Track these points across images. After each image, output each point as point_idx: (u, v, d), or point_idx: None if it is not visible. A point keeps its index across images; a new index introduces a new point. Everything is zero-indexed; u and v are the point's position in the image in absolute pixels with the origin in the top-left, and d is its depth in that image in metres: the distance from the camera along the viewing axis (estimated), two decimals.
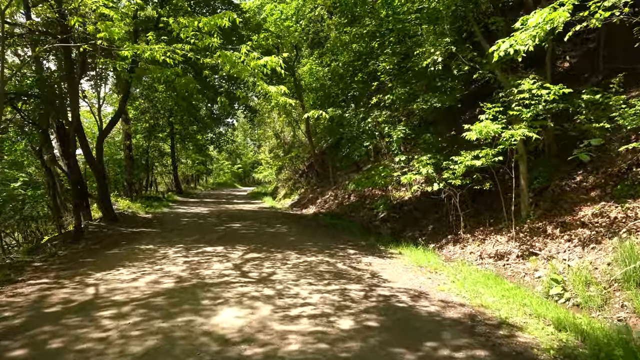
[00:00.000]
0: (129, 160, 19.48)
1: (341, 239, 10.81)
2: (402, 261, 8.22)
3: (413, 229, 12.58)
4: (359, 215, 16.20)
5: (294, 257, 7.99)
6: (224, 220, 14.21)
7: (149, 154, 23.20)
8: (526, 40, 6.59)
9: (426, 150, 10.55)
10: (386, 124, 10.56)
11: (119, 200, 16.20)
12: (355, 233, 12.24)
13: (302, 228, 12.81)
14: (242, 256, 7.94)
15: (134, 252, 8.24)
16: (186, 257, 7.76)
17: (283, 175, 30.21)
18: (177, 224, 13.08)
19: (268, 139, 33.19)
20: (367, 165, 20.62)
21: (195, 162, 37.81)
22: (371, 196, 17.06)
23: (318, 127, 25.06)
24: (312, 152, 23.86)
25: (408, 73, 11.75)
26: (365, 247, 9.85)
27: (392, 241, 11.19)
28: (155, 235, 10.61)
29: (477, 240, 9.82)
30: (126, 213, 14.74)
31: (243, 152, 62.39)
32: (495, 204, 10.88)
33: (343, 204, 18.42)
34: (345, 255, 8.39)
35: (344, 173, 22.24)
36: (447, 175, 9.55)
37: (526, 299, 5.63)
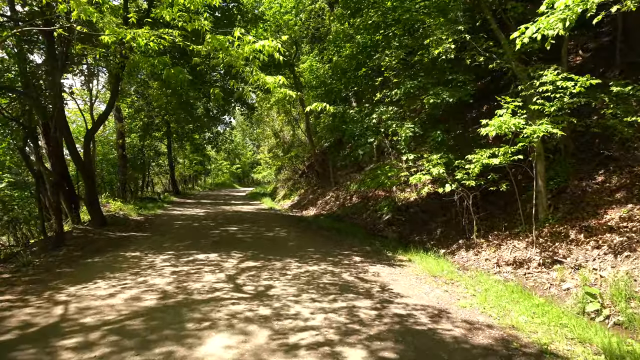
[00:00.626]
0: (122, 159, 18.71)
1: (345, 244, 10.06)
2: (413, 270, 7.47)
3: (420, 232, 11.84)
4: (361, 218, 15.46)
5: (294, 266, 7.23)
6: (220, 223, 13.45)
7: (145, 153, 22.42)
8: (555, 24, 5.82)
9: (436, 149, 9.80)
10: (393, 120, 9.82)
11: (111, 202, 15.44)
12: (359, 237, 11.49)
13: (303, 232, 12.06)
14: (237, 265, 7.18)
15: (118, 260, 7.47)
16: (175, 266, 7.00)
17: (282, 176, 29.46)
18: (169, 228, 12.32)
19: (267, 139, 32.43)
20: (370, 165, 19.87)
21: (192, 162, 37.05)
22: (374, 197, 16.33)
23: (318, 125, 24.31)
24: (313, 151, 23.12)
25: (415, 67, 11.02)
26: (371, 253, 9.10)
27: (399, 246, 10.45)
28: (144, 241, 9.85)
29: (492, 246, 9.09)
30: (117, 215, 13.99)
31: (242, 152, 61.63)
32: (509, 206, 10.16)
33: (345, 205, 17.68)
34: (350, 264, 7.64)
35: (345, 173, 21.50)
36: (460, 175, 8.81)
37: (562, 318, 4.88)
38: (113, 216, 13.85)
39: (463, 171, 8.89)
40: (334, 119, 13.52)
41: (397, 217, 13.52)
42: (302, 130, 27.43)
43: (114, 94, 11.57)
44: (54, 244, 8.40)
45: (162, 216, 15.67)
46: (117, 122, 18.68)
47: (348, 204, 17.55)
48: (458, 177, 8.81)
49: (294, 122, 27.84)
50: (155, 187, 34.37)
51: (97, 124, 11.93)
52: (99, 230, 10.64)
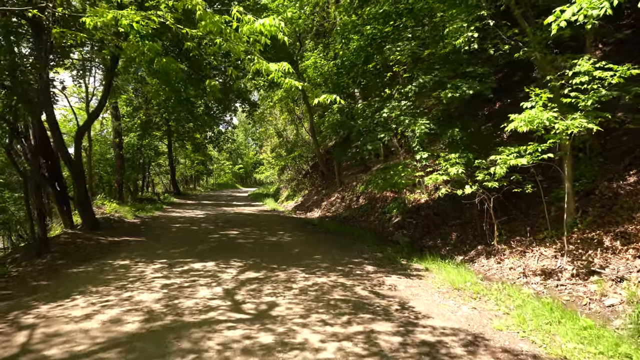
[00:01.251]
0: (119, 159, 18.00)
1: (354, 250, 9.30)
2: (433, 281, 6.70)
3: (433, 236, 11.07)
4: (369, 220, 14.69)
5: (300, 277, 6.46)
6: (220, 226, 12.70)
7: (143, 152, 21.71)
8: (601, 2, 5.03)
9: (453, 147, 9.02)
10: (406, 116, 9.04)
11: (106, 203, 14.73)
12: (368, 242, 10.71)
13: (308, 236, 11.30)
14: (236, 276, 6.42)
15: (104, 270, 6.73)
16: (167, 278, 6.24)
17: (286, 176, 28.69)
18: (166, 231, 11.59)
19: (270, 138, 31.69)
20: (377, 166, 19.09)
21: (194, 162, 36.38)
22: (382, 199, 15.55)
23: (323, 124, 23.56)
24: (317, 151, 22.35)
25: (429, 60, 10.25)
26: (383, 261, 8.33)
27: (412, 252, 9.68)
28: (136, 246, 9.12)
29: (516, 253, 8.31)
30: (112, 218, 13.27)
31: (244, 152, 60.97)
32: (531, 208, 9.38)
33: (351, 207, 16.91)
34: (363, 274, 6.86)
35: (351, 173, 20.73)
36: (481, 176, 8.03)
37: (621, 346, 4.10)
38: (108, 218, 13.13)
39: (484, 172, 8.12)
40: (342, 114, 12.73)
41: (408, 219, 12.75)
42: (306, 129, 26.67)
43: (107, 89, 10.85)
44: (37, 251, 7.66)
45: (159, 218, 14.93)
46: (114, 121, 17.97)
47: (354, 206, 16.78)
48: (479, 178, 8.03)
49: (297, 121, 27.09)
50: (156, 187, 33.75)
51: (89, 121, 11.21)
52: (90, 235, 9.90)
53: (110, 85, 11.23)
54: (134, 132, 21.60)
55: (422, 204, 13.02)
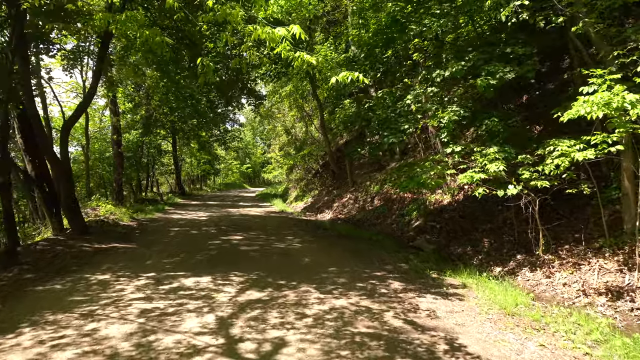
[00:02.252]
0: (118, 157, 16.91)
1: (373, 260, 8.03)
2: (477, 303, 5.41)
3: (462, 243, 9.77)
4: (386, 223, 13.41)
5: (314, 298, 5.22)
6: (222, 231, 11.50)
7: (144, 150, 20.62)
8: None
9: (489, 140, 7.71)
10: (433, 104, 7.78)
11: (101, 204, 13.62)
12: (388, 249, 9.45)
13: (320, 242, 10.04)
14: (234, 298, 5.18)
15: (76, 288, 5.54)
16: (149, 300, 5.03)
17: (294, 175, 27.45)
18: (161, 236, 10.41)
19: (278, 136, 30.46)
20: (392, 164, 17.80)
21: (200, 161, 35.33)
22: (399, 200, 14.27)
23: (333, 121, 22.27)
24: (328, 148, 21.09)
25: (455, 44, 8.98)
26: (410, 273, 7.05)
27: (440, 262, 8.41)
28: (124, 255, 7.94)
29: (568, 266, 7.00)
30: (106, 220, 12.14)
31: (252, 152, 59.92)
32: (578, 212, 8.05)
33: (365, 208, 15.64)
34: (390, 294, 5.59)
35: (364, 173, 19.45)
36: (527, 174, 6.75)
37: None
38: (101, 221, 12.00)
39: (531, 168, 6.83)
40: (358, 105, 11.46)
41: (430, 223, 11.47)
42: (316, 126, 25.43)
43: (97, 76, 9.74)
44: (4, 263, 6.51)
45: (158, 221, 13.79)
46: (112, 116, 16.88)
47: (369, 207, 15.51)
48: (525, 176, 6.73)
49: (306, 118, 25.84)
50: (162, 187, 32.79)
51: (76, 114, 10.06)
52: (73, 241, 8.75)
53: (100, 73, 10.11)
54: (136, 129, 20.55)
55: (446, 206, 11.73)
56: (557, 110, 6.74)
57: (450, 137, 7.74)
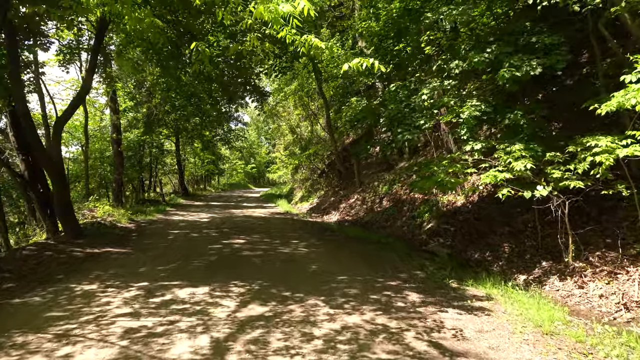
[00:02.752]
0: (118, 157, 16.38)
1: (386, 266, 7.40)
2: (508, 320, 4.76)
3: (479, 247, 9.14)
4: (396, 225, 12.77)
5: (323, 314, 4.59)
6: (224, 233, 10.91)
7: (145, 150, 20.08)
8: None
9: (513, 136, 7.06)
10: (451, 97, 7.15)
11: (99, 206, 13.08)
12: (400, 253, 8.82)
13: (328, 246, 9.41)
14: (234, 314, 4.57)
15: (57, 301, 4.95)
16: (136, 316, 4.43)
17: (300, 176, 26.85)
18: (160, 240, 9.83)
19: (283, 135, 29.86)
20: (401, 164, 17.15)
21: (204, 161, 34.84)
22: (410, 200, 13.64)
23: (340, 119, 21.65)
24: (334, 147, 20.46)
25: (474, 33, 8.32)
26: (427, 283, 6.42)
27: (458, 268, 7.78)
28: (117, 261, 7.36)
29: (603, 275, 6.37)
30: (103, 222, 11.59)
31: (257, 151, 59.40)
32: (607, 214, 7.40)
33: (374, 209, 15.01)
34: (409, 308, 4.96)
35: (372, 172, 18.82)
36: (557, 173, 6.11)
37: None
38: (98, 223, 11.46)
39: (562, 167, 6.20)
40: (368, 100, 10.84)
41: (443, 225, 10.84)
42: (322, 125, 24.82)
43: (91, 69, 9.18)
44: None
45: (158, 223, 13.23)
46: (112, 115, 16.36)
47: (377, 209, 14.88)
48: (556, 176, 6.09)
49: (312, 116, 25.22)
50: (165, 187, 32.33)
51: (69, 110, 9.51)
52: (64, 245, 8.20)
53: (95, 66, 9.56)
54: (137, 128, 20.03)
55: (459, 208, 11.10)
56: (590, 102, 6.10)
57: (470, 133, 7.10)
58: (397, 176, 15.94)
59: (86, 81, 9.27)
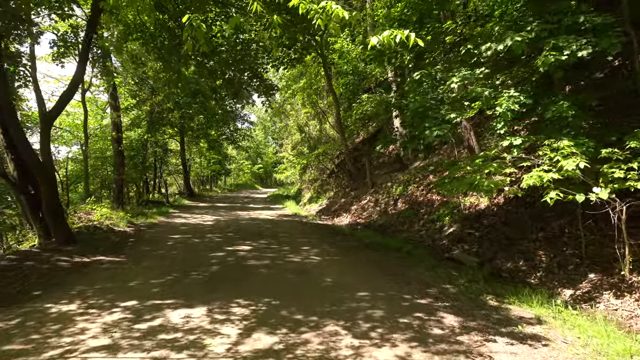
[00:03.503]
0: (118, 156, 15.60)
1: (410, 278, 6.49)
2: (575, 354, 3.84)
3: (511, 255, 8.21)
4: (413, 229, 11.84)
5: (346, 348, 3.70)
6: (228, 239, 10.06)
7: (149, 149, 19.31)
8: None
9: (559, 130, 6.13)
10: (484, 87, 6.24)
11: (96, 208, 12.29)
12: (423, 262, 7.91)
13: (342, 253, 8.52)
14: (235, 347, 3.68)
15: (25, 325, 4.11)
16: (114, 350, 3.56)
17: (308, 176, 25.97)
18: (158, 246, 9.00)
19: (290, 135, 28.99)
20: (416, 163, 16.21)
21: (210, 161, 34.10)
22: (427, 203, 12.72)
23: (350, 117, 20.75)
24: (344, 146, 19.54)
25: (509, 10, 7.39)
26: (461, 299, 5.49)
27: (491, 280, 6.88)
28: (105, 273, 6.52)
29: None
30: (99, 227, 10.80)
31: (264, 152, 58.67)
32: None
33: (388, 212, 14.08)
34: (448, 337, 4.04)
35: (385, 173, 17.88)
36: (620, 173, 5.18)
37: None
38: (94, 227, 10.67)
39: (622, 165, 5.26)
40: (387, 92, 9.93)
41: (467, 230, 9.91)
42: (331, 123, 23.93)
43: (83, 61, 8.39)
44: None
45: (159, 226, 12.42)
46: (112, 112, 15.59)
47: (392, 211, 13.96)
48: (618, 175, 5.15)
49: (321, 115, 24.33)
50: (170, 188, 31.65)
51: (59, 106, 8.71)
52: (48, 254, 7.38)
53: (87, 57, 8.78)
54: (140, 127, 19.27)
55: (483, 211, 10.16)
56: None
57: (507, 127, 6.17)
58: (411, 177, 15.02)
59: (77, 73, 8.47)
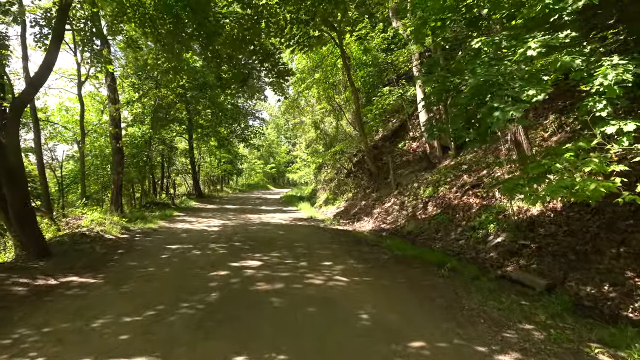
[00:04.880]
0: (117, 154, 14.14)
1: (472, 314, 4.80)
2: None
3: (588, 276, 6.48)
4: (450, 238, 10.12)
5: None
6: (235, 250, 8.46)
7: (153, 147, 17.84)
8: None
9: None
10: (573, 55, 4.54)
11: (87, 212, 10.81)
12: (476, 284, 6.21)
13: (372, 271, 6.83)
14: None
15: None
16: None
17: (323, 175, 24.30)
18: (149, 261, 7.42)
19: (305, 132, 27.33)
20: (445, 162, 14.44)
21: (221, 160, 32.67)
22: (463, 206, 11.01)
23: (370, 112, 19.05)
24: (365, 143, 17.83)
25: None
26: (557, 352, 3.81)
27: (577, 315, 5.18)
28: (70, 302, 4.94)
29: None
30: (87, 234, 9.30)
31: (276, 151, 57.18)
32: None
33: (416, 216, 12.37)
34: None
35: (410, 172, 16.13)
36: None
37: None
38: (81, 235, 9.18)
39: None
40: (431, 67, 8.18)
41: (521, 241, 8.18)
42: (348, 119, 22.25)
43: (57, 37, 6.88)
44: None
45: (157, 233, 10.89)
46: (109, 105, 14.13)
47: (422, 216, 12.24)
48: None
49: (337, 110, 22.66)
50: (180, 188, 30.31)
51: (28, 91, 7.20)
52: (5, 275, 5.84)
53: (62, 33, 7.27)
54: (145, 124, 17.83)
55: (537, 217, 8.41)
56: None
57: (610, 108, 4.46)
58: (441, 176, 13.28)
59: (50, 53, 6.96)
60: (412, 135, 18.82)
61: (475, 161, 12.82)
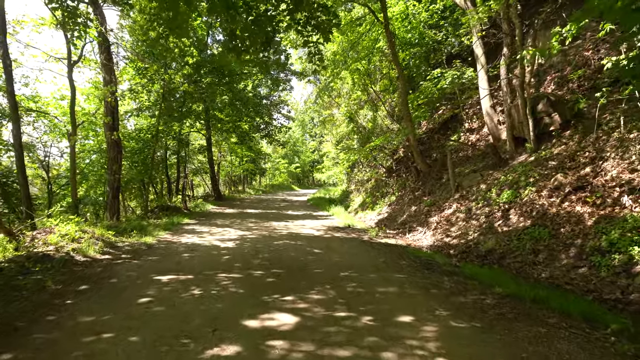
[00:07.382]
0: (113, 148, 11.51)
1: None
2: None
3: None
4: (561, 264, 6.97)
5: None
6: (253, 287, 5.58)
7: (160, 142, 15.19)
8: None
9: None
10: None
11: (60, 225, 8.10)
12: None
13: (495, 341, 3.82)
14: None
15: None
16: None
17: (360, 175, 21.23)
18: (116, 313, 4.58)
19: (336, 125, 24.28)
20: (520, 157, 11.24)
21: (243, 159, 30.06)
22: (567, 217, 7.83)
23: (418, 98, 15.86)
24: (412, 134, 14.68)
25: None
26: None
27: None
28: None
29: None
30: (52, 254, 6.61)
31: (301, 150, 54.39)
32: None
33: (494, 228, 9.24)
34: None
35: (471, 171, 12.91)
36: None
37: None
38: (42, 256, 6.50)
39: None
40: None
41: None
42: (388, 111, 19.15)
43: None
44: None
45: (151, 252, 8.12)
46: (103, 87, 11.51)
47: (502, 228, 9.10)
48: None
49: (375, 100, 19.56)
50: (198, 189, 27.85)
51: None
52: None
53: None
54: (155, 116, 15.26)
55: None
56: None
57: None
58: (519, 176, 10.11)
59: None
60: (469, 127, 15.60)
61: (569, 155, 9.55)
